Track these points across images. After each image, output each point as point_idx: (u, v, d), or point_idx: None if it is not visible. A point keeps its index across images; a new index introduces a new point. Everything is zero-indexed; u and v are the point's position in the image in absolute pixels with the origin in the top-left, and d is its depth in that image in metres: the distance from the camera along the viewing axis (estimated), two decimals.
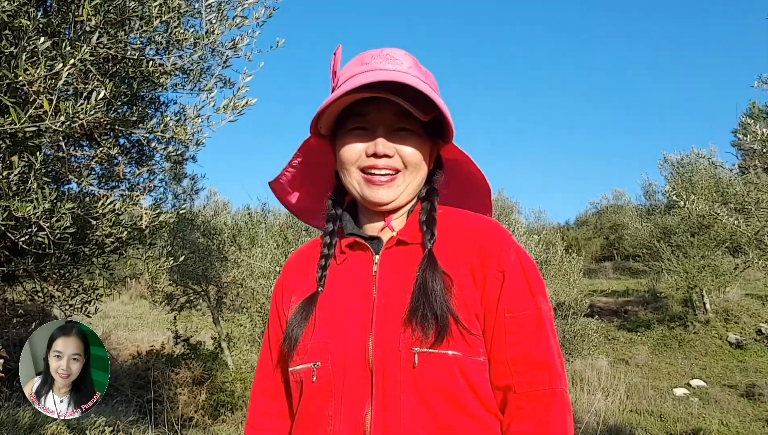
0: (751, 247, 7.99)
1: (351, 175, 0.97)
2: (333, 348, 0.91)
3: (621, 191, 20.47)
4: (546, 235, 9.44)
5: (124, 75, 2.53)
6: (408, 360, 0.87)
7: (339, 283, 0.97)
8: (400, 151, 0.95)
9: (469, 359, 0.88)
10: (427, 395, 0.86)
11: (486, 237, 0.94)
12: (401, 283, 0.92)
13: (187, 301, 8.70)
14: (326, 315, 0.95)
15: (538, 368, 0.88)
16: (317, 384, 0.91)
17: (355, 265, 0.98)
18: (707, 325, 10.95)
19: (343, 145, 0.97)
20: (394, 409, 0.86)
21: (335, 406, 0.89)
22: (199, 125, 2.56)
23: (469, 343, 0.88)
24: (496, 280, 0.91)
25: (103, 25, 2.10)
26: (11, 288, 3.74)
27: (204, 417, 6.70)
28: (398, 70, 0.93)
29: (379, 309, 0.91)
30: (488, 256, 0.92)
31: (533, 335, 0.90)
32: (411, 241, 0.96)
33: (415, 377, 0.86)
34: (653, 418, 7.23)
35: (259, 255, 7.79)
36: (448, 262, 0.92)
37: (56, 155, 2.68)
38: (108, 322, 11.41)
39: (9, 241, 2.33)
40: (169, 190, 6.74)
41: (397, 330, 0.88)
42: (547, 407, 0.87)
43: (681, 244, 10.77)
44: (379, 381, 0.87)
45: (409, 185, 0.97)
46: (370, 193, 0.95)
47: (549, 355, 0.89)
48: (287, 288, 1.05)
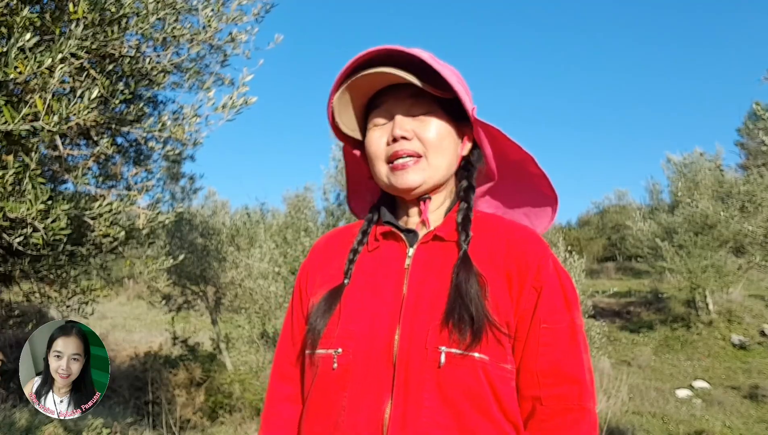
0: (755, 248, 7.96)
1: (379, 170, 0.97)
2: (358, 337, 0.90)
3: (624, 191, 20.49)
4: (548, 235, 9.40)
5: (121, 73, 2.49)
6: (434, 359, 0.85)
7: (369, 272, 0.96)
8: (418, 133, 0.94)
9: (496, 365, 0.86)
10: (451, 396, 0.84)
11: (526, 247, 0.93)
12: (434, 280, 0.91)
13: (185, 302, 8.66)
14: (354, 303, 0.93)
15: (568, 382, 0.87)
16: (337, 372, 0.89)
17: (388, 255, 0.96)
18: (710, 325, 10.91)
19: (368, 141, 0.98)
20: (415, 406, 0.84)
21: (350, 397, 0.87)
22: (197, 124, 2.52)
23: (500, 348, 0.87)
24: (534, 291, 0.90)
25: (99, 22, 2.06)
26: (8, 289, 3.70)
27: (202, 419, 6.66)
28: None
29: (408, 304, 0.89)
30: (527, 266, 0.91)
31: (566, 348, 0.88)
32: (448, 239, 0.94)
33: (439, 377, 0.84)
34: (656, 419, 7.19)
35: (258, 255, 7.75)
36: (484, 265, 0.91)
37: (53, 155, 2.63)
38: (105, 323, 11.39)
39: (5, 241, 2.29)
40: (167, 190, 6.71)
41: (425, 327, 0.87)
42: (573, 423, 0.85)
43: (684, 243, 10.72)
44: (401, 376, 0.85)
45: (436, 168, 0.95)
46: (396, 180, 0.95)
47: (580, 370, 0.88)
48: (313, 270, 1.04)
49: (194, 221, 8.12)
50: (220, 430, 6.50)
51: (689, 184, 10.72)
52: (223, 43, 2.55)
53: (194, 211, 8.35)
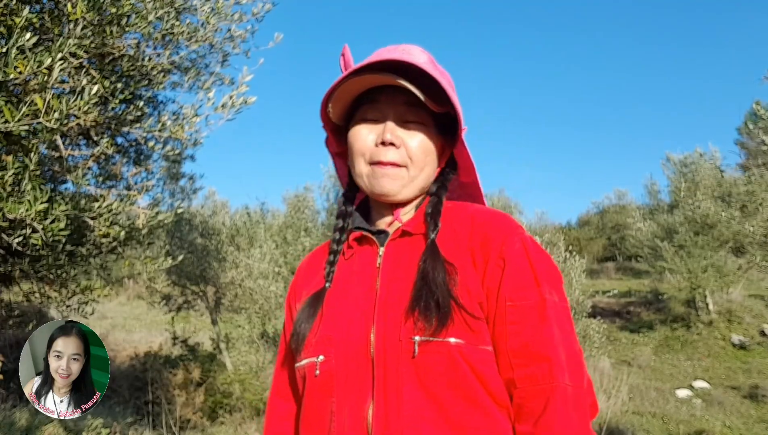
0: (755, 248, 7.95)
1: (360, 167, 0.96)
2: (337, 341, 0.89)
3: (624, 191, 20.50)
4: (548, 235, 9.39)
5: (121, 73, 2.49)
6: (408, 350, 0.83)
7: (345, 278, 0.97)
8: (406, 144, 0.93)
9: (474, 347, 0.83)
10: (432, 387, 0.82)
11: (491, 225, 0.91)
12: (404, 273, 0.90)
13: (185, 302, 8.66)
14: (332, 309, 0.93)
15: (537, 360, 0.81)
16: (320, 378, 0.89)
17: (361, 258, 0.97)
18: (710, 325, 10.91)
19: (354, 134, 0.97)
20: (395, 402, 0.82)
21: (337, 401, 0.86)
22: (197, 124, 2.53)
23: (474, 331, 0.84)
24: (497, 267, 0.87)
25: (98, 22, 2.06)
26: (7, 289, 3.70)
27: (202, 418, 6.66)
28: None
29: (381, 300, 0.89)
30: (490, 242, 0.89)
31: (534, 326, 0.83)
32: (415, 232, 0.94)
33: (416, 367, 0.82)
34: (656, 419, 7.19)
35: (258, 255, 7.76)
36: (451, 251, 0.89)
37: (53, 155, 2.63)
38: (105, 323, 11.39)
39: (4, 241, 2.29)
40: (167, 190, 6.69)
41: (398, 320, 0.86)
42: (546, 403, 0.79)
43: (684, 243, 10.72)
44: (380, 373, 0.84)
45: (415, 179, 0.95)
46: (377, 184, 0.94)
47: (549, 347, 0.82)
48: (299, 287, 1.05)
49: (194, 221, 8.12)
50: (219, 430, 6.50)
51: (689, 184, 10.71)
52: (222, 42, 2.55)
53: (194, 211, 8.34)
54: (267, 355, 8.35)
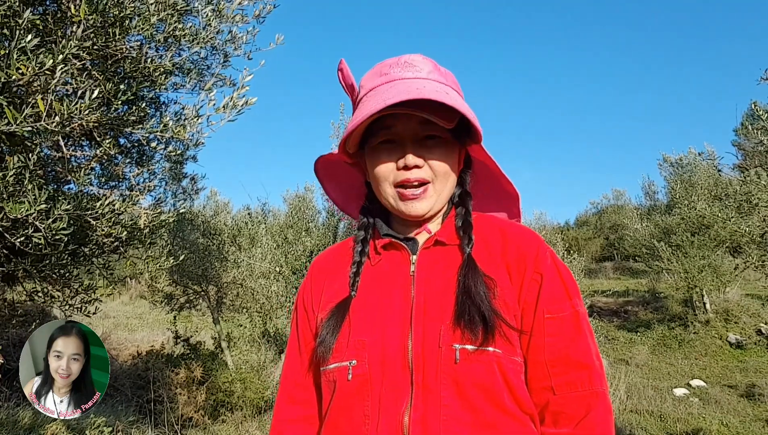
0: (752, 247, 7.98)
1: (386, 191, 0.98)
2: (370, 346, 0.91)
3: (621, 191, 20.44)
4: (546, 235, 9.43)
5: (123, 74, 2.52)
6: (449, 356, 0.86)
7: (375, 284, 0.98)
8: (429, 162, 0.95)
9: (508, 358, 0.88)
10: (468, 393, 0.85)
11: (522, 241, 0.96)
12: (440, 282, 0.93)
13: (186, 301, 8.67)
14: (363, 315, 0.95)
15: (577, 368, 0.88)
16: (353, 382, 0.90)
17: (392, 265, 0.98)
18: (707, 325, 10.93)
19: (374, 161, 0.98)
20: (434, 405, 0.85)
21: (372, 405, 0.88)
22: (198, 125, 2.55)
23: (511, 342, 0.89)
24: (534, 282, 0.92)
25: (101, 24, 2.09)
26: (11, 288, 3.72)
27: (204, 417, 6.68)
28: (419, 77, 0.94)
29: (418, 307, 0.91)
30: (525, 258, 0.93)
31: (572, 336, 0.90)
32: (449, 243, 0.97)
33: (456, 374, 0.86)
34: (653, 418, 7.21)
35: (259, 255, 7.78)
36: (487, 265, 0.93)
37: (56, 156, 2.66)
38: (108, 322, 11.40)
39: (8, 241, 2.32)
40: (169, 190, 6.70)
41: (437, 328, 0.88)
42: (588, 408, 0.87)
43: (681, 243, 10.74)
44: (419, 378, 0.87)
45: (441, 193, 0.98)
46: (406, 208, 0.96)
47: (588, 356, 0.89)
48: (317, 289, 1.05)
49: (196, 221, 8.14)
50: (221, 428, 6.52)
51: (686, 184, 10.73)
52: (224, 43, 2.58)
53: (196, 211, 8.36)
54: (268, 354, 8.37)
